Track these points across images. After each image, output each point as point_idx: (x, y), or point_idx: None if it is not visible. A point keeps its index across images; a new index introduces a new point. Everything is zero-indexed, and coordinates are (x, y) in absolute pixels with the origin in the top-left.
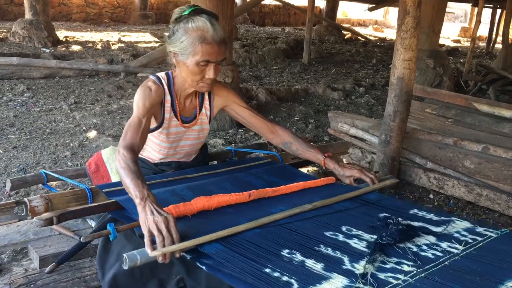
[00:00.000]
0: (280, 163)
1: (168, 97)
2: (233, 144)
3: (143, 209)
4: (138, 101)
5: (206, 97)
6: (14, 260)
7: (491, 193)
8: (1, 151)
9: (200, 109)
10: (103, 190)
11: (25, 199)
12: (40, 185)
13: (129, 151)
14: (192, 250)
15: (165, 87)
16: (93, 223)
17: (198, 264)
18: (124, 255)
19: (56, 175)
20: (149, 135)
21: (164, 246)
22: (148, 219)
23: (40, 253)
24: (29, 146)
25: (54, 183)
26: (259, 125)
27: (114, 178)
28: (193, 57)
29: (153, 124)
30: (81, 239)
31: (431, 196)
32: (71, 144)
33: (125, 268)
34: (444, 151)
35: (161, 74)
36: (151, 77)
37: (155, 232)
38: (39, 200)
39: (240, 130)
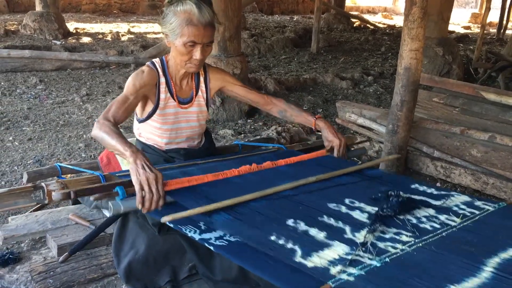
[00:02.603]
0: None
1: (162, 79)
2: (242, 135)
3: (134, 161)
4: (129, 82)
5: (202, 79)
6: (33, 249)
7: (497, 182)
8: (17, 143)
9: (197, 91)
10: (117, 175)
11: (42, 184)
12: (55, 178)
13: (109, 121)
14: (199, 232)
15: (159, 70)
16: (107, 213)
17: (206, 245)
18: (109, 203)
19: (70, 167)
20: (149, 121)
21: (151, 202)
22: (139, 172)
23: (58, 242)
24: (44, 138)
25: (68, 176)
26: (256, 99)
27: (125, 169)
28: (180, 38)
29: (150, 107)
30: (91, 198)
31: (438, 184)
32: (84, 136)
33: (109, 215)
34: (451, 140)
35: (156, 60)
36: (147, 63)
37: (146, 189)
38: (56, 184)
39: (249, 121)
